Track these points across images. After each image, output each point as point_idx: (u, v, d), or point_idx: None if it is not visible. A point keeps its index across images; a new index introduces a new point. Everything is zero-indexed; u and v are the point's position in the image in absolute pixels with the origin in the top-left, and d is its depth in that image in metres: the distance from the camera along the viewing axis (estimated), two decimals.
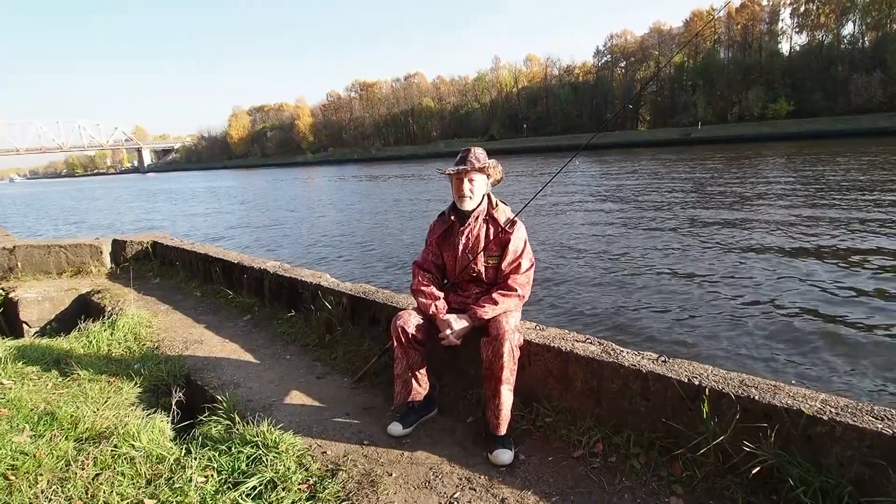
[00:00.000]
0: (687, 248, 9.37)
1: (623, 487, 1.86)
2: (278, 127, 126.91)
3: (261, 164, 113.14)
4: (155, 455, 2.30)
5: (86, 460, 2.24)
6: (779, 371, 4.49)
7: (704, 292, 6.78)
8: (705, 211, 13.38)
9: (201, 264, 5.52)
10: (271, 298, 4.37)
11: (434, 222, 2.55)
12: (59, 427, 2.51)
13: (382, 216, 17.51)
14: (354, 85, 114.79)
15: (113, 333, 3.91)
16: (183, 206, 29.08)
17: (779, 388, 1.77)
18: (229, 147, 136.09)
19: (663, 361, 2.06)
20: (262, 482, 2.04)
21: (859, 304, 5.99)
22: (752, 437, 1.70)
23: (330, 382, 3.03)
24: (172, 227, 18.68)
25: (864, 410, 1.61)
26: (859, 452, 1.54)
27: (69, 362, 3.35)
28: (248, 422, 2.45)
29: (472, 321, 2.27)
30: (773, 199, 14.58)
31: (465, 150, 2.39)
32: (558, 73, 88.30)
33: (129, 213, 27.34)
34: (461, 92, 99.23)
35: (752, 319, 5.70)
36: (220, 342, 3.81)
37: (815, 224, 10.65)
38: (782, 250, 8.75)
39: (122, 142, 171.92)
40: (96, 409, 2.71)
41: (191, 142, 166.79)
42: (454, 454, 2.19)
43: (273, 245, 13.64)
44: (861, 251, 8.27)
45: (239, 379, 3.14)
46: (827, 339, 5.06)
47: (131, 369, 3.27)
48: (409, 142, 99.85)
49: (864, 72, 53.68)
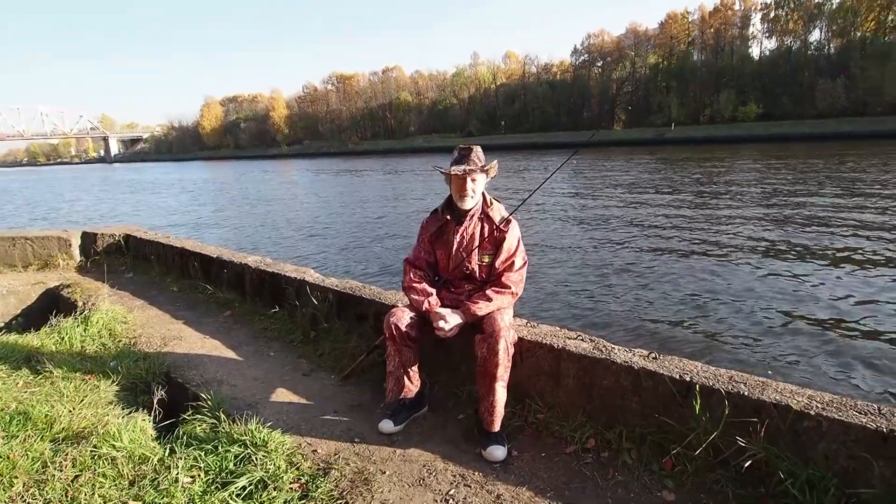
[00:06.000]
0: (669, 246, 9.55)
1: (616, 482, 1.89)
2: (252, 118, 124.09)
3: (234, 156, 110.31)
4: (137, 455, 2.23)
5: (64, 461, 2.16)
6: (759, 366, 4.60)
7: (689, 290, 6.91)
8: (687, 210, 13.67)
9: (178, 258, 5.37)
10: (253, 294, 4.29)
11: (426, 219, 2.53)
12: (34, 427, 2.41)
13: (362, 212, 17.34)
14: (331, 77, 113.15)
15: (86, 329, 3.78)
16: (153, 198, 28.22)
17: (766, 384, 1.82)
18: (201, 138, 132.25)
19: (654, 358, 2.10)
20: (251, 482, 2.00)
21: (839, 300, 6.19)
22: (742, 432, 1.74)
23: (316, 380, 2.99)
24: (143, 220, 18.11)
25: (848, 405, 1.67)
26: (844, 446, 1.60)
27: (40, 359, 3.22)
28: (234, 420, 2.40)
29: (466, 317, 2.26)
30: (753, 198, 14.99)
31: (466, 148, 2.36)
32: (536, 71, 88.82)
33: (98, 204, 26.36)
34: (439, 87, 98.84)
35: (736, 316, 5.83)
36: (200, 338, 3.72)
37: (795, 223, 10.99)
38: (763, 248, 8.99)
39: (87, 130, 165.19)
40: (72, 408, 2.61)
41: (160, 132, 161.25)
42: (447, 451, 2.19)
43: (251, 240, 13.36)
44: (844, 250, 8.53)
45: (222, 376, 3.07)
46: (808, 336, 5.21)
47: (107, 367, 3.17)
48: (386, 136, 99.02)
49: (829, 78, 55.62)
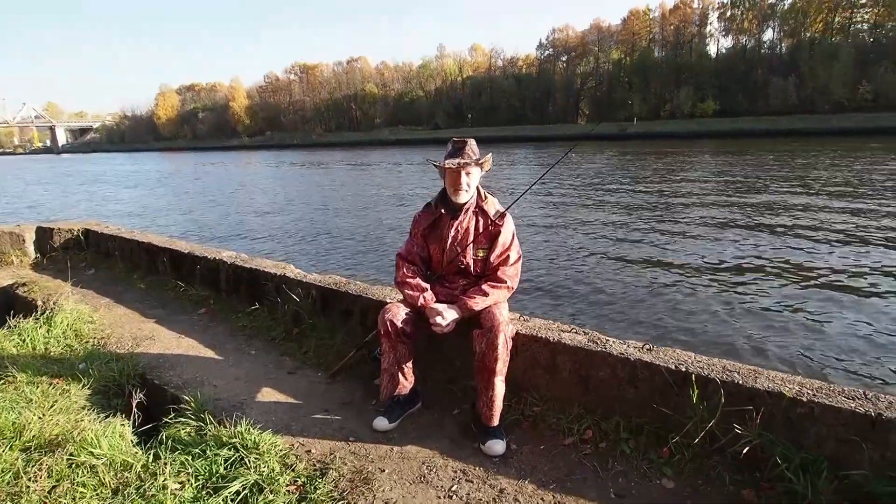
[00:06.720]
0: (650, 237, 9.70)
1: (616, 472, 1.92)
2: (211, 108, 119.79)
3: (192, 147, 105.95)
4: (119, 462, 2.13)
5: (38, 471, 2.04)
6: (743, 354, 4.72)
7: (673, 281, 6.99)
8: (669, 199, 13.93)
9: (144, 254, 5.14)
10: (228, 291, 4.14)
11: (419, 213, 2.49)
12: (1, 437, 2.27)
13: (334, 206, 16.98)
14: (294, 67, 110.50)
15: (50, 330, 3.56)
16: (109, 191, 26.84)
17: (759, 373, 1.89)
18: (156, 128, 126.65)
19: (649, 349, 2.14)
20: (245, 486, 1.93)
21: (823, 289, 6.40)
22: (738, 420, 1.80)
23: (302, 377, 2.92)
24: (100, 214, 17.25)
25: (837, 392, 1.74)
26: (835, 430, 1.67)
27: (2, 363, 3.03)
28: (221, 422, 2.32)
29: (462, 312, 2.25)
30: (735, 190, 15.39)
31: (460, 141, 2.33)
32: (503, 65, 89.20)
33: (49, 198, 24.86)
34: (405, 79, 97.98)
35: (721, 306, 5.97)
36: (174, 337, 3.57)
37: (781, 211, 11.38)
38: (749, 236, 9.25)
39: (31, 119, 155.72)
40: (42, 414, 2.47)
41: (112, 121, 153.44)
42: (444, 447, 2.18)
43: (214, 234, 12.90)
44: (833, 240, 8.71)
45: (202, 377, 2.96)
46: (792, 325, 5.35)
47: (76, 369, 3.01)
48: (351, 128, 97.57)
49: (781, 76, 58.07)
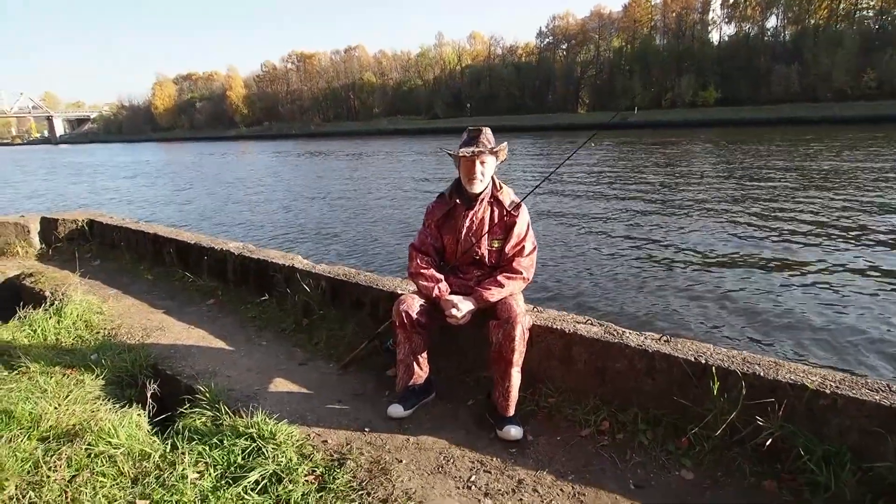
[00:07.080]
0: (662, 229, 9.60)
1: (635, 463, 1.93)
2: (208, 98, 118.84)
3: (189, 138, 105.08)
4: (137, 452, 2.14)
5: (58, 461, 2.04)
6: (762, 347, 4.67)
7: (687, 274, 6.92)
8: (679, 192, 13.81)
9: (150, 245, 5.12)
10: (236, 282, 4.14)
11: (433, 204, 2.47)
12: (19, 426, 2.27)
13: (333, 196, 16.96)
14: (291, 56, 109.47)
15: (60, 321, 3.56)
16: (110, 182, 26.77)
17: (780, 365, 1.88)
18: (154, 118, 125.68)
19: (666, 341, 2.13)
20: (264, 476, 1.94)
21: (842, 284, 6.29)
22: (759, 412, 1.80)
23: (314, 368, 2.92)
24: (103, 205, 17.21)
25: (860, 384, 1.74)
26: (858, 422, 1.67)
27: (13, 354, 3.03)
28: (236, 412, 2.32)
29: (478, 303, 2.24)
30: (738, 182, 15.28)
31: (475, 129, 2.30)
32: (502, 53, 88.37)
33: (50, 188, 24.78)
34: (404, 67, 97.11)
35: (733, 299, 5.92)
36: (184, 328, 3.57)
37: (798, 204, 11.19)
38: (767, 228, 9.15)
39: (28, 109, 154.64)
40: (58, 404, 2.47)
41: (110, 111, 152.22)
42: (460, 438, 2.18)
43: (219, 225, 12.88)
44: (858, 238, 8.37)
45: (214, 367, 2.96)
46: (810, 316, 5.29)
47: (89, 360, 3.01)
48: (349, 117, 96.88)
49: (784, 64, 57.62)
